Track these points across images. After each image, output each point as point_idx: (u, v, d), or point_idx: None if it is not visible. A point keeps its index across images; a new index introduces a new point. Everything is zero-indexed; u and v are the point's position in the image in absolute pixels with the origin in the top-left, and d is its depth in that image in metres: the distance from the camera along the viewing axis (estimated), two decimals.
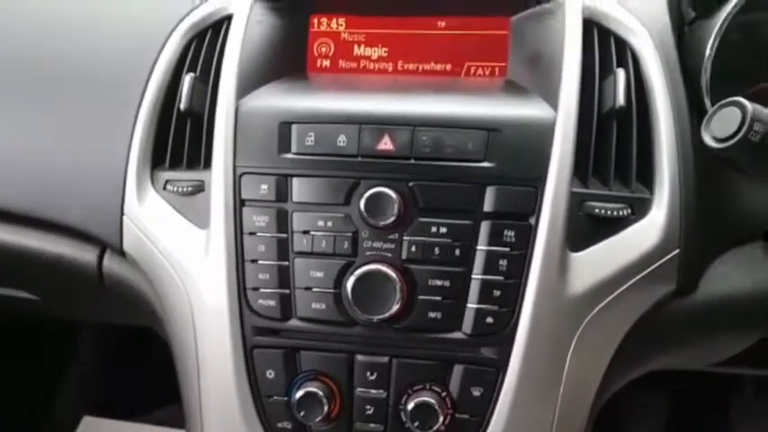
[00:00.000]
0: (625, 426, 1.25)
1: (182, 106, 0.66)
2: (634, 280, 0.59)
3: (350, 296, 0.58)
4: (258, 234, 0.60)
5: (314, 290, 0.59)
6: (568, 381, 0.59)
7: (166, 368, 0.70)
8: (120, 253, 0.68)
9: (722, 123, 0.49)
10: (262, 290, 0.60)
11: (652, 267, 0.59)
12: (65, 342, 1.36)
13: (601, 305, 0.59)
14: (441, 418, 0.57)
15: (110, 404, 1.36)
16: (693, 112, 0.62)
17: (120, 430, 1.33)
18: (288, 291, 0.60)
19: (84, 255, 0.70)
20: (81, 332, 1.37)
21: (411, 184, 0.58)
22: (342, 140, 0.59)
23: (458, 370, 0.58)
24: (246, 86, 0.64)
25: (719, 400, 1.22)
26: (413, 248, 0.58)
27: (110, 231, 0.67)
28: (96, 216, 0.68)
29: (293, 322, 0.60)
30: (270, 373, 0.60)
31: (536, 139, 0.58)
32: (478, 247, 0.58)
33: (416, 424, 0.58)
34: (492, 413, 0.58)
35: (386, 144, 0.59)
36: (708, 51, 0.60)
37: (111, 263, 0.70)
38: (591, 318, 0.58)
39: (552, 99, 0.60)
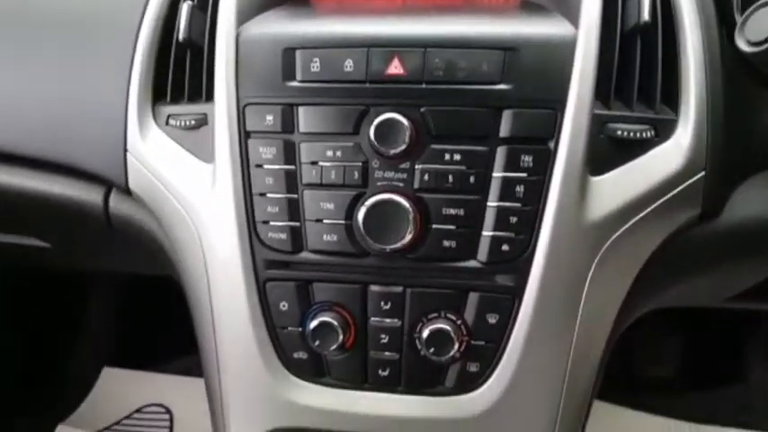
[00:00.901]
0: (638, 365, 1.25)
1: (180, 36, 0.63)
2: (657, 204, 0.57)
3: (361, 227, 0.56)
4: (265, 166, 0.58)
5: (325, 221, 0.58)
6: (586, 307, 0.57)
7: (184, 318, 0.70)
8: (126, 192, 0.66)
9: (758, 25, 0.45)
10: (272, 223, 0.59)
11: (676, 191, 0.57)
12: (82, 294, 1.38)
13: (621, 230, 0.57)
14: (456, 345, 0.57)
15: (129, 355, 1.38)
16: (722, 27, 0.58)
17: (141, 380, 1.36)
18: (298, 223, 0.58)
19: (90, 195, 0.69)
20: (97, 284, 1.39)
21: (423, 109, 0.56)
22: (349, 65, 0.57)
23: (473, 298, 0.57)
24: (247, 13, 0.60)
25: (733, 339, 1.22)
26: (425, 177, 0.56)
27: (114, 169, 0.65)
28: (100, 154, 0.66)
29: (305, 254, 0.59)
30: (283, 305, 0.60)
31: (555, 59, 0.55)
32: (494, 174, 0.56)
33: (432, 350, 0.57)
34: (508, 340, 0.57)
35: (395, 68, 0.56)
36: None
37: (117, 202, 0.68)
38: (611, 243, 0.57)
39: (572, 16, 0.56)
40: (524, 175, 0.55)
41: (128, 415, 1.28)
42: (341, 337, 0.58)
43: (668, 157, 0.56)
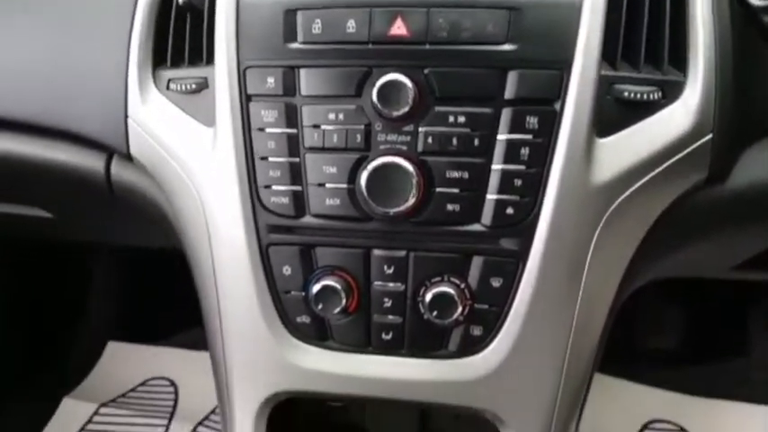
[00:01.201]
0: (638, 337, 1.25)
1: (180, 0, 0.62)
2: (663, 166, 0.56)
3: (364, 191, 0.56)
4: (267, 130, 0.58)
5: (327, 186, 0.57)
6: (590, 272, 0.57)
7: (188, 291, 0.69)
8: (128, 158, 0.66)
9: None
10: (274, 187, 0.58)
11: (683, 153, 0.56)
12: (85, 268, 1.38)
13: (627, 193, 0.56)
14: (459, 309, 0.57)
15: (134, 329, 1.39)
16: None
17: (145, 354, 1.36)
18: (300, 188, 0.58)
19: (92, 162, 0.68)
20: (101, 258, 1.39)
21: (427, 71, 0.55)
22: (351, 26, 0.56)
23: (477, 261, 0.57)
24: None
25: (734, 312, 1.22)
26: (429, 140, 0.56)
27: (115, 135, 0.65)
28: (100, 120, 0.65)
29: (307, 219, 0.58)
30: (286, 270, 0.59)
31: (562, 19, 0.54)
32: (499, 136, 0.55)
33: (435, 313, 0.57)
34: (512, 303, 0.57)
35: (398, 28, 0.55)
36: None
37: (118, 169, 0.68)
38: (616, 206, 0.56)
39: None
40: (529, 137, 0.55)
41: (132, 388, 1.29)
42: (344, 301, 0.58)
43: (675, 118, 0.56)
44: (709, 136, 0.56)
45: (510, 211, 0.56)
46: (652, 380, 1.15)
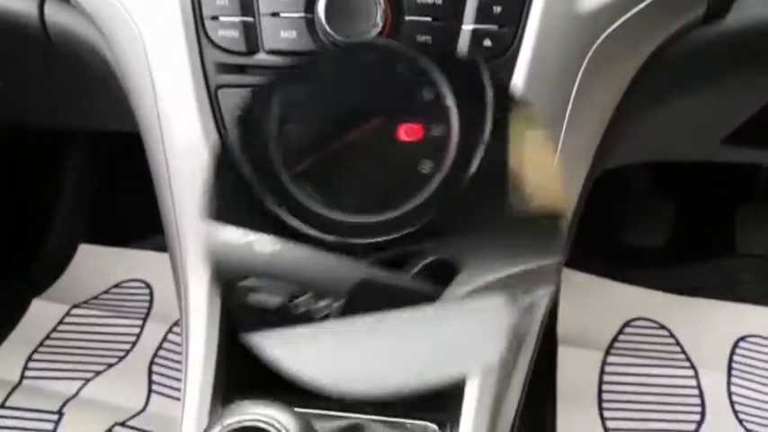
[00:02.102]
0: (625, 235, 1.22)
1: None
2: None
3: (323, 18, 0.49)
4: None
5: (282, 15, 0.51)
6: (573, 115, 0.52)
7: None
8: None
9: None
10: (222, 18, 0.52)
11: None
12: (56, 170, 1.32)
13: (616, 24, 0.50)
14: None
15: (106, 231, 1.34)
16: None
17: (119, 256, 1.32)
18: (252, 18, 0.51)
19: (25, 5, 0.61)
20: (72, 159, 1.33)
21: None
22: None
23: None
24: None
25: (725, 206, 1.18)
26: None
27: None
28: None
29: (261, 56, 0.52)
30: None
31: None
32: None
33: None
34: None
35: None
36: None
37: (53, 11, 0.61)
38: (603, 39, 0.50)
39: None
40: None
41: (106, 290, 1.26)
42: None
43: None
44: None
45: (488, 43, 0.50)
46: (636, 279, 1.13)
